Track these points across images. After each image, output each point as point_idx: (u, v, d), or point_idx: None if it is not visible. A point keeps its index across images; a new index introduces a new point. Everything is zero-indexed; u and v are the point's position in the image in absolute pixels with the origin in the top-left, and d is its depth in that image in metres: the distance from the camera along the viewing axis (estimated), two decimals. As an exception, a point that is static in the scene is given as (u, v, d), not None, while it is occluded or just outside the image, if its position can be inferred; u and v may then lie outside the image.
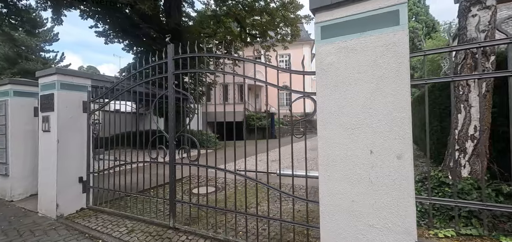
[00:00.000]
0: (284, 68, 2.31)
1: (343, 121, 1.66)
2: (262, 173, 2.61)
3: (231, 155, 3.57)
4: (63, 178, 3.68)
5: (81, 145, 3.92)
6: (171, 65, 3.09)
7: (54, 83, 3.67)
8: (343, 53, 1.67)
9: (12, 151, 4.39)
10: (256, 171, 2.51)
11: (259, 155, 3.31)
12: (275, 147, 3.68)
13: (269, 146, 2.56)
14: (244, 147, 2.63)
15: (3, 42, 20.27)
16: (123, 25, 13.32)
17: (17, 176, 4.44)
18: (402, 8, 1.50)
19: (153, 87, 3.83)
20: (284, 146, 9.48)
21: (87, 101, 3.99)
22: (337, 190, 1.68)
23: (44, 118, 3.79)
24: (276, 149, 3.00)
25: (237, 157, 3.01)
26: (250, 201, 3.96)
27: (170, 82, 3.08)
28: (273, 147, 3.04)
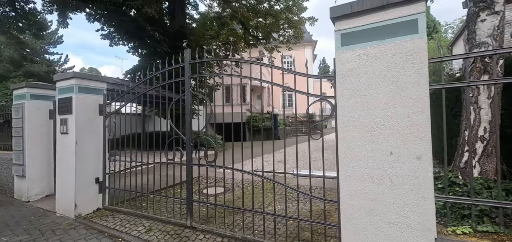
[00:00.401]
0: (301, 72, 2.40)
1: (363, 124, 1.75)
2: (280, 173, 2.70)
3: (238, 156, 3.66)
4: (81, 178, 3.79)
5: (97, 147, 4.03)
6: (188, 69, 3.20)
7: (72, 86, 3.79)
8: (363, 59, 1.77)
9: (28, 152, 4.51)
10: (273, 172, 2.60)
11: (264, 156, 3.38)
12: (279, 147, 3.78)
13: (275, 146, 2.66)
14: (251, 147, 2.73)
15: (9, 45, 20.51)
16: (129, 28, 13.46)
17: (34, 177, 4.56)
18: (420, 17, 1.60)
19: (163, 90, 3.93)
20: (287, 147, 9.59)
21: (103, 104, 4.10)
22: (358, 190, 1.77)
23: (62, 121, 3.90)
24: (281, 149, 3.12)
25: (244, 158, 3.10)
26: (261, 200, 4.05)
27: (187, 86, 3.18)
28: (277, 148, 3.13)
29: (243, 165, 2.66)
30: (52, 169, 4.78)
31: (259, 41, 13.20)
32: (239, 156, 2.94)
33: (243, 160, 3.04)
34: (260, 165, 2.82)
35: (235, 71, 3.14)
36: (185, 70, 3.20)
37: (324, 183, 2.39)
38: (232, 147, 3.06)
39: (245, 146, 2.90)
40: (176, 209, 3.76)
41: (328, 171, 3.70)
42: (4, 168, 5.01)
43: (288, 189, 2.65)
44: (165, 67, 3.43)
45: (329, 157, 8.04)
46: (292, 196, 4.41)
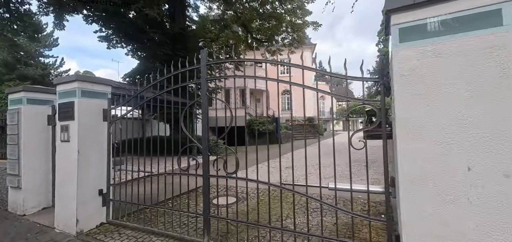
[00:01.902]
0: (339, 74, 2.14)
1: (431, 134, 1.49)
2: (313, 187, 2.42)
3: (241, 163, 3.35)
4: (83, 191, 3.46)
5: (100, 155, 3.70)
6: (205, 71, 2.91)
7: (75, 90, 3.47)
8: (428, 57, 1.51)
9: (24, 161, 4.15)
10: (306, 185, 2.33)
11: (273, 162, 3.11)
12: (284, 152, 3.48)
13: (276, 151, 2.41)
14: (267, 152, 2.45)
15: (3, 47, 19.99)
16: (128, 30, 13.15)
17: (30, 188, 4.20)
18: (505, 7, 1.34)
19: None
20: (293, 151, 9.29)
21: (107, 109, 3.79)
22: (426, 211, 1.50)
23: (62, 127, 3.58)
24: (285, 154, 2.83)
25: (251, 164, 2.82)
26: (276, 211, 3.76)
27: (204, 89, 2.90)
28: (282, 152, 2.94)
29: (281, 175, 2.38)
30: (50, 179, 4.43)
31: (261, 43, 12.97)
32: (243, 163, 2.71)
33: (248, 167, 2.77)
34: (266, 172, 2.56)
35: (236, 74, 2.90)
36: (202, 72, 2.91)
37: (369, 197, 2.11)
38: (245, 155, 2.77)
39: (249, 150, 2.65)
40: (185, 223, 3.44)
41: (357, 183, 3.41)
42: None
43: (310, 200, 2.37)
44: (177, 69, 3.14)
45: (341, 163, 7.75)
46: (311, 207, 4.14)
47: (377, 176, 6.18)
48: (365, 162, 2.12)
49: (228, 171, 2.77)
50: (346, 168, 7.23)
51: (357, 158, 2.59)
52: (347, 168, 2.43)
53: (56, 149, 3.69)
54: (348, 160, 2.30)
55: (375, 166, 7.75)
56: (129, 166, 3.71)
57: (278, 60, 2.73)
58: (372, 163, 8.43)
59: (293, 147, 2.74)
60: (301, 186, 2.45)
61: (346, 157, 2.37)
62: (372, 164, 8.30)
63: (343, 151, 2.59)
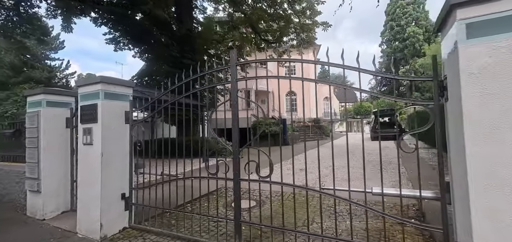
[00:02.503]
0: (389, 74, 2.05)
1: (508, 137, 1.39)
2: (357, 192, 2.32)
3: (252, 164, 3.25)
4: (106, 195, 3.39)
5: (122, 158, 3.63)
6: (235, 71, 2.83)
7: (98, 92, 3.40)
8: (503, 54, 1.41)
9: (44, 165, 4.09)
10: (349, 189, 2.23)
11: (286, 164, 3.01)
12: (289, 154, 3.41)
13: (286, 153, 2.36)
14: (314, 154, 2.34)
15: (10, 50, 20.09)
16: (135, 32, 13.14)
17: (49, 192, 4.14)
18: None
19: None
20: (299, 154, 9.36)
21: (129, 111, 3.72)
22: (503, 221, 1.39)
23: (85, 130, 3.51)
24: (296, 155, 2.74)
25: (263, 165, 2.73)
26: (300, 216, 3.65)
27: (235, 90, 2.81)
28: (288, 155, 2.84)
29: (270, 175, 2.29)
30: (68, 182, 4.36)
31: (269, 44, 12.89)
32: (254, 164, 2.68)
33: (264, 169, 2.71)
34: (283, 174, 2.47)
35: (241, 75, 2.89)
36: (232, 72, 2.83)
37: (422, 203, 2.01)
38: (280, 157, 2.67)
39: (254, 152, 2.58)
40: (211, 229, 3.35)
41: (388, 187, 3.28)
42: (16, 182, 4.58)
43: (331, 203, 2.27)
44: (204, 70, 3.06)
45: (355, 164, 7.58)
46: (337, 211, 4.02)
47: (395, 178, 6.04)
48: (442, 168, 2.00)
49: (263, 176, 2.68)
50: (360, 169, 7.11)
51: (370, 160, 2.53)
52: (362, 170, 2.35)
53: (78, 152, 3.63)
54: (369, 162, 2.19)
55: (391, 168, 7.63)
56: (150, 169, 3.64)
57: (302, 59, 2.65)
58: (387, 165, 8.34)
59: (302, 149, 2.71)
60: (342, 190, 2.35)
61: (359, 158, 2.34)
62: (387, 165, 8.19)
63: (355, 151, 2.55)
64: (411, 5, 46.52)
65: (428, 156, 9.40)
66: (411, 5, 46.48)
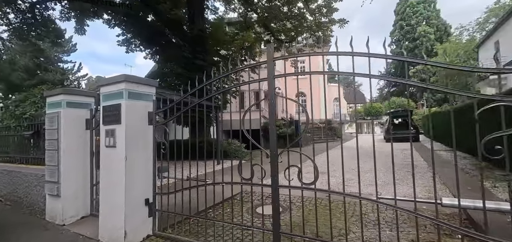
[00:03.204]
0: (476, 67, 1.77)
1: None
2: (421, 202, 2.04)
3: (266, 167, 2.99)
4: (130, 200, 3.20)
5: (146, 161, 3.44)
6: (272, 68, 2.60)
7: (122, 92, 3.22)
8: None
9: (64, 168, 3.94)
10: (415, 200, 1.95)
11: (306, 166, 2.75)
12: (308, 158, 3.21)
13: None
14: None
15: (24, 53, 20.47)
16: (147, 34, 13.11)
17: (69, 196, 3.98)
18: None
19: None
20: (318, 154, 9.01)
21: (152, 111, 3.53)
22: None
23: (108, 132, 3.33)
24: (320, 158, 2.46)
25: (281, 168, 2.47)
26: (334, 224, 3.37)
27: (272, 88, 2.58)
28: (305, 159, 2.65)
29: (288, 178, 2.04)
30: (88, 186, 4.21)
31: (283, 44, 12.63)
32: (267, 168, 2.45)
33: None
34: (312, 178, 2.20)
35: (251, 77, 2.69)
36: (268, 68, 2.60)
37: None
38: (327, 157, 2.41)
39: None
40: (246, 238, 3.11)
41: (424, 192, 2.97)
42: (34, 185, 4.45)
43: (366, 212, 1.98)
44: (236, 67, 2.84)
45: (381, 168, 7.22)
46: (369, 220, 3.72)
47: (423, 181, 5.67)
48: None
49: (306, 183, 2.42)
50: (387, 173, 6.77)
51: (389, 161, 2.31)
52: (389, 174, 2.09)
53: (101, 155, 3.45)
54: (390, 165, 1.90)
55: (404, 171, 7.25)
56: (175, 172, 3.44)
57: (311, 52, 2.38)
58: (409, 168, 7.94)
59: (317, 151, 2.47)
60: (403, 200, 2.07)
61: (379, 160, 2.13)
62: (404, 166, 7.79)
63: (370, 154, 2.31)
64: (422, 4, 45.57)
65: (447, 158, 8.97)
66: (421, 4, 45.53)
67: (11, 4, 10.46)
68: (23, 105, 5.14)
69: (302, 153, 2.41)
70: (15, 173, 4.83)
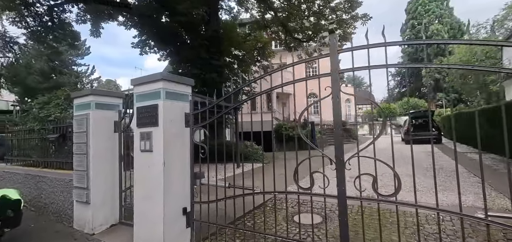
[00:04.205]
0: None
1: None
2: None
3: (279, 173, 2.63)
4: (168, 209, 2.93)
5: (183, 167, 3.16)
6: (336, 61, 2.28)
7: (159, 91, 2.96)
8: None
9: (93, 173, 3.71)
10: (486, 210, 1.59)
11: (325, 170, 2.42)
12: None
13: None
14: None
15: (40, 56, 20.77)
16: (162, 35, 13.01)
17: (98, 203, 3.75)
18: None
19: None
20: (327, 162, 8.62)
21: (189, 113, 3.26)
22: None
23: (143, 135, 3.08)
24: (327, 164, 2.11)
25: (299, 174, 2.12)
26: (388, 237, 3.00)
27: (336, 85, 2.26)
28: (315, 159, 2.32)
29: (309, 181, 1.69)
30: (117, 193, 3.97)
31: (300, 43, 12.30)
32: (284, 173, 2.13)
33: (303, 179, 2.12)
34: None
35: (264, 79, 2.40)
36: (332, 62, 2.28)
37: None
38: (412, 161, 2.07)
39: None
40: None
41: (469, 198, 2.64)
42: (61, 191, 4.25)
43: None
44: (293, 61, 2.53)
45: (411, 173, 6.66)
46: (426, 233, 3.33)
47: (470, 187, 5.22)
48: None
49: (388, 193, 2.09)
50: (424, 178, 6.25)
51: (421, 165, 2.01)
52: (427, 179, 1.72)
53: (135, 160, 3.20)
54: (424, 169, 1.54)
55: (443, 175, 6.80)
56: (216, 179, 3.16)
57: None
58: (438, 170, 7.43)
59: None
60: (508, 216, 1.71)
61: (405, 163, 1.82)
62: (438, 171, 7.29)
63: (400, 158, 1.98)
64: (434, 2, 44.50)
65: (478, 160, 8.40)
66: (433, 2, 44.47)
67: (30, 7, 10.49)
68: (47, 107, 4.97)
69: (378, 158, 2.08)
70: (39, 177, 4.65)
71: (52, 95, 5.24)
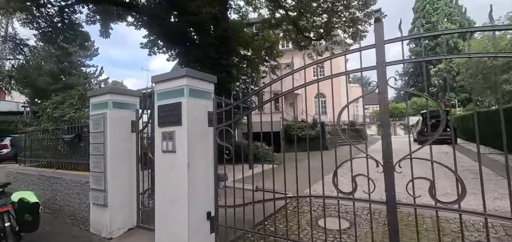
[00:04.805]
0: None
1: None
2: None
3: (303, 175, 2.36)
4: (193, 214, 2.75)
5: (206, 168, 2.98)
6: (382, 52, 2.07)
7: (183, 89, 2.79)
8: None
9: (111, 174, 3.57)
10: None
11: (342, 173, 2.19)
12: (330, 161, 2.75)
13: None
14: None
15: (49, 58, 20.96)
16: (171, 34, 12.94)
17: (116, 206, 3.60)
18: None
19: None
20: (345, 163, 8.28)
21: (213, 111, 3.08)
22: None
23: (165, 135, 2.91)
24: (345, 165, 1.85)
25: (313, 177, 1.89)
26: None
27: (383, 78, 2.04)
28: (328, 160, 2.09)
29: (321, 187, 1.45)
30: (134, 195, 3.82)
31: (311, 42, 12.06)
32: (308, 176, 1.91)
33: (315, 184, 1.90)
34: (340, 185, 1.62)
35: (272, 78, 2.18)
36: (378, 53, 2.07)
37: None
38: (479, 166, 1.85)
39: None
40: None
41: None
42: (76, 193, 4.12)
43: None
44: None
45: (440, 174, 6.17)
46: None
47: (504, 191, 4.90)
48: None
49: (458, 204, 1.87)
50: (451, 181, 5.79)
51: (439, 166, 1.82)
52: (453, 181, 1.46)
53: (156, 162, 3.03)
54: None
55: (470, 176, 6.43)
56: (232, 180, 2.98)
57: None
58: (464, 172, 7.07)
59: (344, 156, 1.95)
60: None
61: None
62: (465, 172, 6.94)
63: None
64: (443, 0, 43.74)
65: (502, 161, 8.07)
66: (442, 0, 43.72)
67: (41, 8, 10.50)
68: (61, 107, 4.87)
69: (435, 161, 1.86)
70: (54, 179, 4.53)
71: (66, 95, 5.13)
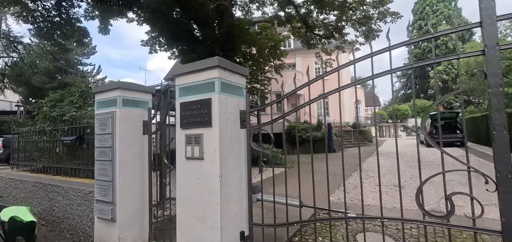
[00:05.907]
0: None
1: None
2: None
3: (322, 181, 1.89)
4: (226, 234, 2.24)
5: (239, 179, 2.47)
6: (495, 32, 1.57)
7: (213, 82, 2.28)
8: None
9: (121, 184, 3.03)
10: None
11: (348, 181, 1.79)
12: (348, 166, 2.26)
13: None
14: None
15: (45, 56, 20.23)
16: (174, 31, 12.45)
17: (126, 221, 3.06)
18: None
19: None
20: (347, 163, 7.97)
21: (245, 110, 2.57)
22: None
23: (189, 138, 2.39)
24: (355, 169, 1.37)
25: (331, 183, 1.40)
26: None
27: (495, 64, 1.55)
28: (336, 163, 1.71)
29: None
30: (146, 207, 3.28)
31: (321, 40, 11.61)
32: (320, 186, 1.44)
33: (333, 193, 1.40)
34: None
35: (275, 78, 1.65)
36: (488, 35, 1.58)
37: None
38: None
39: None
40: None
41: None
42: (78, 204, 3.57)
43: None
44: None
45: (454, 178, 5.83)
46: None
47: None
48: None
49: None
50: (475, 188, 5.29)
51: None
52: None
53: (178, 170, 2.50)
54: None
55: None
56: (272, 195, 2.48)
57: None
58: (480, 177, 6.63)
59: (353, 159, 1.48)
60: None
61: None
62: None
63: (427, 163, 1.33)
64: (442, 2, 43.94)
65: None
66: (441, 2, 43.92)
67: (37, 1, 9.89)
68: (60, 106, 4.31)
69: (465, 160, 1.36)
70: (52, 186, 3.97)
71: (65, 91, 4.57)
